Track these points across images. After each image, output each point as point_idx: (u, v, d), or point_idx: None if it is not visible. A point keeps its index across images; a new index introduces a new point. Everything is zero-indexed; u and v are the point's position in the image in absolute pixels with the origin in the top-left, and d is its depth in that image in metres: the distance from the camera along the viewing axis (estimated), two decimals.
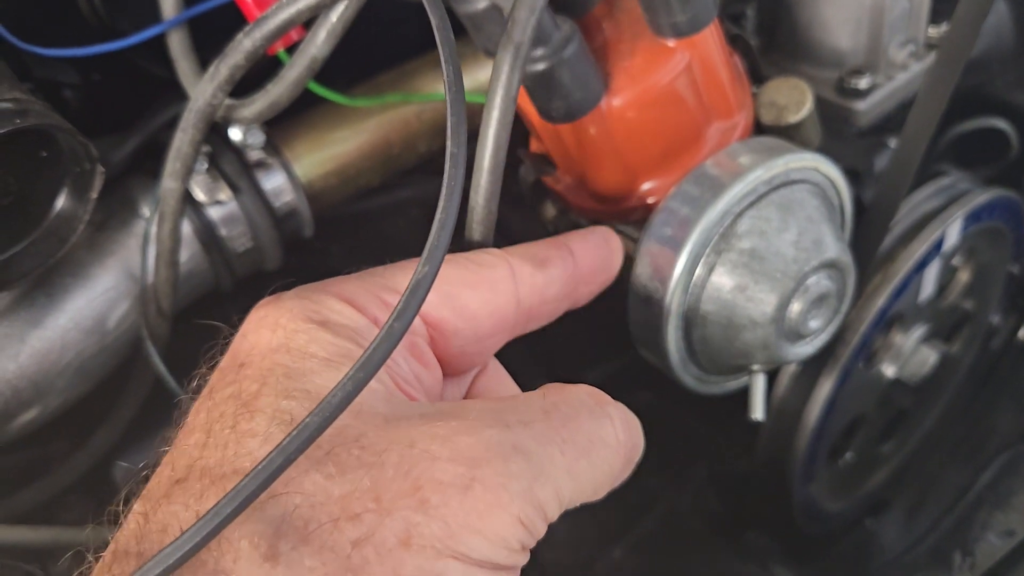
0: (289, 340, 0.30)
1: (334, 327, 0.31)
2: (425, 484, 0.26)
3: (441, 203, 0.30)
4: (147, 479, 0.29)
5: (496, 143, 0.37)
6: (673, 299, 0.45)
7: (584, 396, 0.32)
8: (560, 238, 0.39)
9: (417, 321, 0.33)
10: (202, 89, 0.43)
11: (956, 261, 0.64)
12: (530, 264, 0.36)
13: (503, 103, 0.37)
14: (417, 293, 0.28)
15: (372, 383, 0.29)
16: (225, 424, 0.28)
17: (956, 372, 0.70)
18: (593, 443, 0.30)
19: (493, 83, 0.38)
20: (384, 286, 0.33)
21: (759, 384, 0.48)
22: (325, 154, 0.56)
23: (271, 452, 0.25)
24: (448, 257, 0.35)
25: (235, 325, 0.32)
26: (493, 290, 0.35)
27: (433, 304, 0.33)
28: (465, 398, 0.37)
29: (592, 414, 0.31)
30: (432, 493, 0.26)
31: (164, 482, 0.28)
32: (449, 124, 0.32)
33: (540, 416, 0.30)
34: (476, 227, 0.38)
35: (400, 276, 0.34)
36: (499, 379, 0.38)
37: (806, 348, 0.48)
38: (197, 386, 0.31)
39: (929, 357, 0.63)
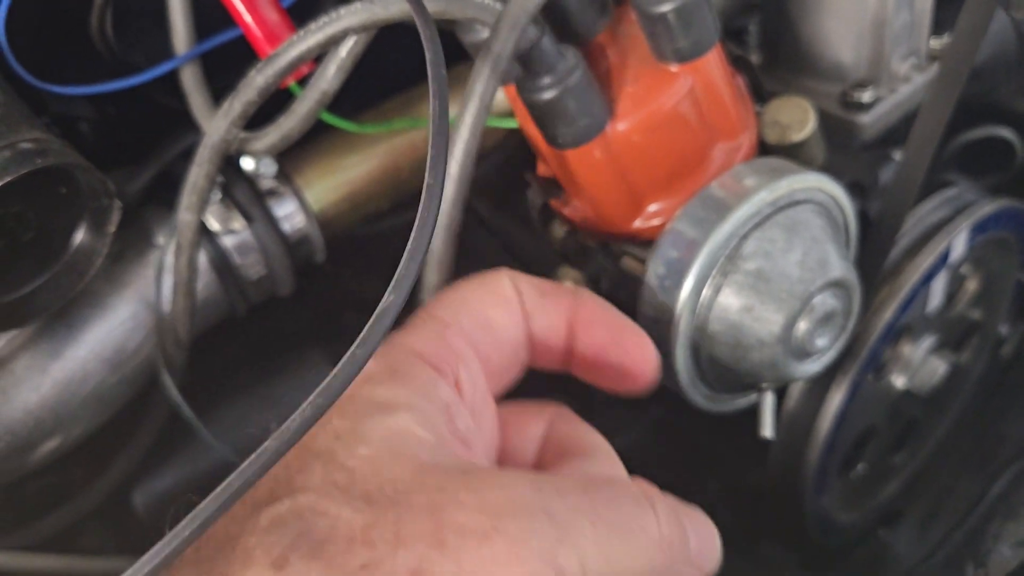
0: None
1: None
2: (446, 526, 0.26)
3: (413, 233, 0.30)
4: None
5: (473, 129, 0.40)
6: (681, 320, 0.45)
7: (631, 483, 0.31)
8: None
9: (471, 356, 0.33)
10: (216, 125, 0.44)
11: (964, 270, 0.64)
12: (528, 284, 0.35)
13: (475, 117, 0.40)
14: (382, 321, 0.28)
15: (421, 433, 0.29)
16: None
17: (966, 381, 0.70)
18: (631, 528, 0.29)
19: (468, 96, 0.40)
20: (445, 327, 0.33)
21: (768, 402, 0.48)
22: (336, 180, 0.57)
23: (231, 476, 0.25)
24: (466, 285, 0.35)
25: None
26: (506, 303, 0.34)
27: (478, 337, 0.33)
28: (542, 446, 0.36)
29: (635, 501, 0.30)
30: (451, 535, 0.26)
31: None
32: (430, 156, 0.32)
33: (577, 490, 0.29)
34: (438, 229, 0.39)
35: (452, 310, 0.33)
36: (574, 424, 0.36)
37: (813, 366, 0.48)
38: None
39: (939, 367, 0.63)
